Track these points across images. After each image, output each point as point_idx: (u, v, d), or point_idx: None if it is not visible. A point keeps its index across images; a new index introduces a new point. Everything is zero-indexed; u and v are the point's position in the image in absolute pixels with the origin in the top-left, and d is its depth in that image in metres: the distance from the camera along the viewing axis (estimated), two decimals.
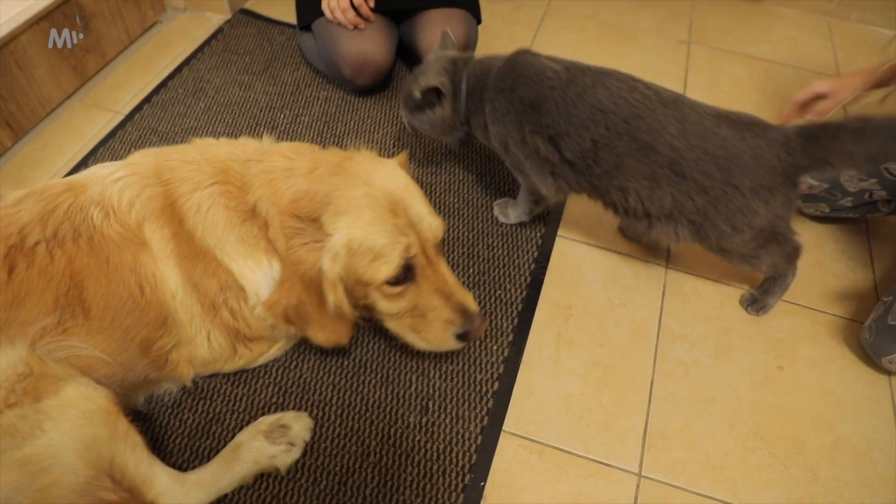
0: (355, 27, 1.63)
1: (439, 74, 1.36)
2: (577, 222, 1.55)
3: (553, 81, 1.23)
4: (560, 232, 1.53)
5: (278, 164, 1.03)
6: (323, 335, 1.05)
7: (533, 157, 1.28)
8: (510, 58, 1.30)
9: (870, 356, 1.33)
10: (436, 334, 1.08)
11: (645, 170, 1.17)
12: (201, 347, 1.09)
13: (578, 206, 1.58)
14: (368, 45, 1.64)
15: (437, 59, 1.39)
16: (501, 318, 1.35)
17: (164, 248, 0.99)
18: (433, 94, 1.36)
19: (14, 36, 1.54)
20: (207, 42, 1.94)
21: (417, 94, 1.35)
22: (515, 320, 1.36)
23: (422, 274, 1.04)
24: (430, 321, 1.07)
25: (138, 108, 1.73)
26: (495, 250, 1.47)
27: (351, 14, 1.62)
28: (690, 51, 2.08)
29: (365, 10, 1.62)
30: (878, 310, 1.32)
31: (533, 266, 1.45)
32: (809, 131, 1.12)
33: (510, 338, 1.33)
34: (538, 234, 1.51)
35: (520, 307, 1.38)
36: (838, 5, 2.27)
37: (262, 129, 1.69)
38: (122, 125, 1.68)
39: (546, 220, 1.54)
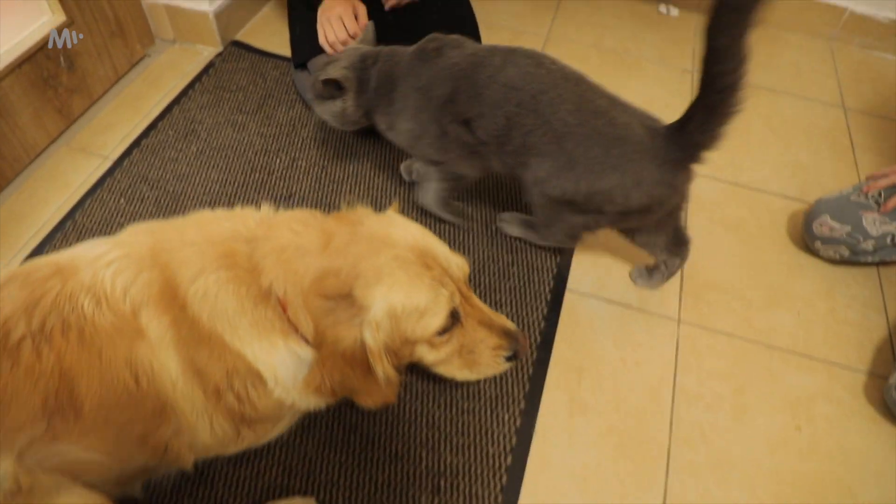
0: None
1: (345, 67, 1.37)
2: (587, 273, 1.51)
3: (461, 71, 1.26)
4: (569, 285, 1.48)
5: (288, 242, 0.97)
6: (371, 400, 1.00)
7: (452, 145, 1.30)
8: (417, 53, 1.32)
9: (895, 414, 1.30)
10: (487, 364, 1.07)
11: (543, 146, 1.20)
12: (203, 434, 1.03)
13: (587, 256, 1.54)
14: None
15: (348, 52, 1.42)
16: (512, 385, 1.31)
17: (163, 335, 0.92)
18: (333, 87, 1.38)
19: None
20: (198, 78, 1.87)
21: (319, 85, 1.38)
22: (527, 386, 1.31)
23: (464, 313, 1.02)
24: (480, 353, 1.06)
25: (127, 153, 1.66)
26: (504, 308, 1.42)
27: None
28: (694, 81, 2.03)
29: None
30: None
31: (543, 324, 1.40)
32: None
33: (522, 405, 1.28)
34: (546, 288, 1.46)
35: (530, 370, 1.33)
36: (841, 30, 2.23)
37: (257, 174, 1.63)
38: (110, 172, 1.61)
39: (554, 273, 1.49)
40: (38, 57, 1.57)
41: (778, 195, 1.72)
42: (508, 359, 1.07)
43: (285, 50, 1.93)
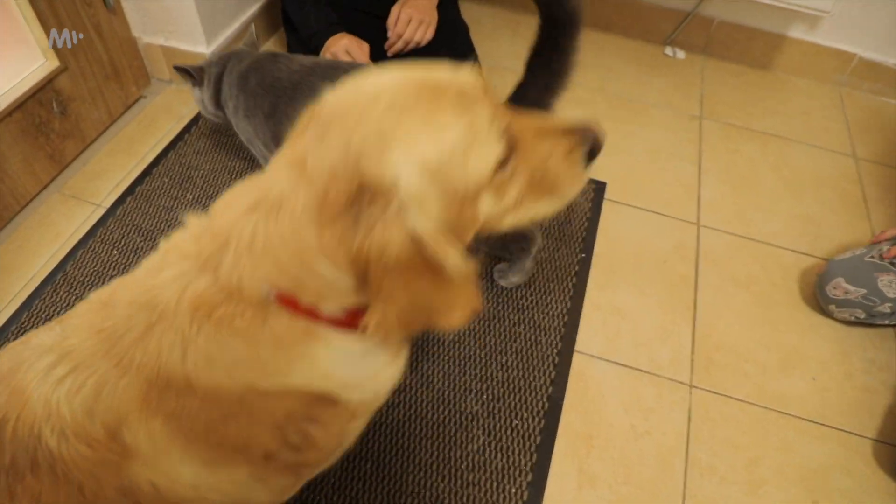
0: None
1: (209, 63, 1.48)
2: (596, 334, 1.46)
3: (283, 89, 1.32)
4: (577, 347, 1.43)
5: (245, 222, 0.70)
6: (456, 314, 0.74)
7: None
8: (253, 64, 1.40)
9: None
10: (567, 179, 0.80)
11: None
12: (260, 498, 0.88)
13: (596, 317, 1.49)
14: None
15: (223, 52, 1.53)
16: (519, 455, 1.25)
17: (159, 442, 0.74)
18: (187, 75, 1.48)
19: None
20: (195, 121, 1.82)
21: (178, 72, 1.49)
22: (534, 456, 1.25)
23: (515, 130, 0.74)
24: (554, 170, 0.78)
25: (121, 201, 1.61)
26: (510, 371, 1.37)
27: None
28: (703, 128, 2.00)
29: None
30: None
31: (550, 389, 1.35)
32: None
33: (529, 477, 1.23)
34: (554, 350, 1.41)
35: (538, 440, 1.27)
36: (850, 75, 2.20)
37: None
38: (103, 221, 1.56)
39: (562, 334, 1.44)
40: (30, 104, 1.53)
41: (789, 250, 1.68)
42: (589, 158, 0.80)
43: None
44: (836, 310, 1.48)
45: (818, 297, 1.51)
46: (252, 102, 1.37)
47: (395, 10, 1.62)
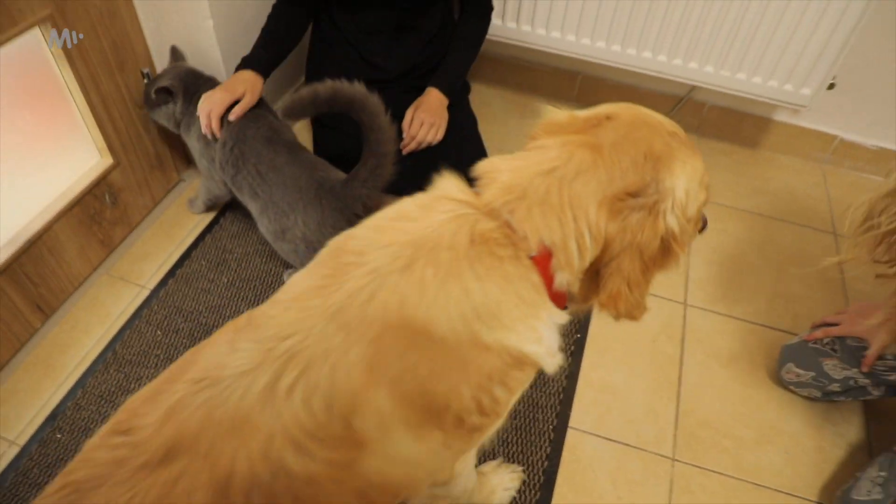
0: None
1: (173, 78, 1.70)
2: (587, 411, 1.61)
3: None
4: (571, 423, 1.59)
5: (539, 181, 0.83)
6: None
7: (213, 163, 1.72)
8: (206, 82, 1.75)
9: None
10: (694, 237, 0.99)
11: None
12: (443, 471, 1.00)
13: (588, 393, 1.65)
14: None
15: (175, 67, 1.76)
16: None
17: (384, 419, 0.77)
18: (165, 94, 1.70)
19: (48, 227, 1.62)
20: (228, 205, 2.02)
21: (153, 94, 1.70)
22: None
23: None
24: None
25: (163, 283, 1.80)
26: (508, 446, 1.52)
27: (216, 124, 1.65)
28: None
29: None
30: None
31: (546, 463, 1.50)
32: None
33: None
34: (550, 426, 1.56)
35: None
36: (832, 154, 2.36)
37: None
38: (147, 303, 1.75)
39: (557, 411, 1.60)
40: (87, 198, 1.72)
41: (771, 328, 1.83)
42: (702, 229, 1.02)
43: None
44: (795, 389, 1.63)
45: (779, 378, 1.67)
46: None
47: (409, 113, 1.81)
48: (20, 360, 1.63)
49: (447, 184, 0.88)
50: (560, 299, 0.87)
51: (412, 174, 1.76)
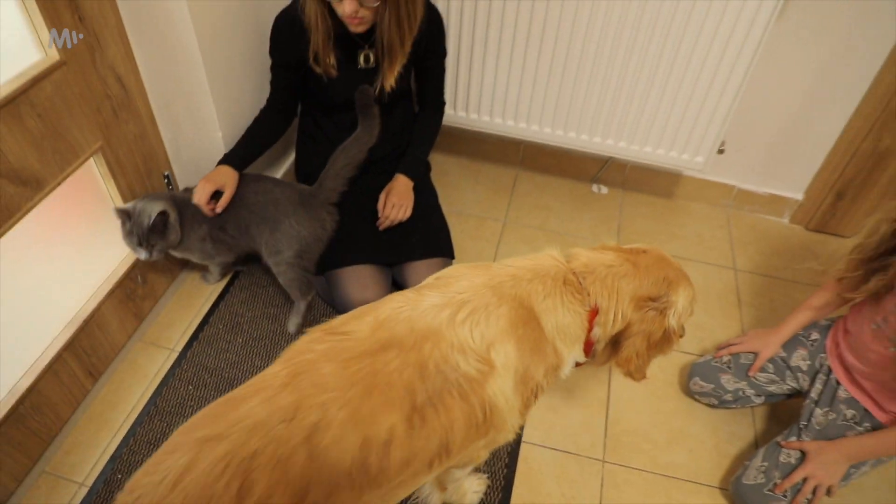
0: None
1: (163, 204, 1.94)
2: (536, 428, 2.04)
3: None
4: (524, 438, 2.02)
5: (606, 271, 1.35)
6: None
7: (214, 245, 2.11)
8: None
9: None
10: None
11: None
12: (509, 430, 1.33)
13: (536, 413, 2.08)
14: (370, 294, 2.12)
15: (155, 196, 1.99)
16: None
17: (507, 361, 1.22)
18: (162, 216, 1.92)
19: (98, 307, 2.02)
20: (235, 276, 2.43)
21: (151, 221, 1.90)
22: None
23: None
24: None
25: (189, 345, 2.20)
26: None
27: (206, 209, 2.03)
28: None
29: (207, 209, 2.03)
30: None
31: (505, 471, 1.93)
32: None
33: None
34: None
35: None
36: (734, 200, 2.85)
37: None
38: (178, 363, 2.15)
39: None
40: (125, 281, 2.13)
41: (682, 352, 2.29)
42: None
43: None
44: (699, 398, 2.09)
45: (687, 389, 2.13)
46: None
47: (382, 197, 2.24)
48: (78, 417, 2.01)
49: (551, 250, 1.41)
50: (588, 346, 1.38)
51: (389, 243, 2.21)
